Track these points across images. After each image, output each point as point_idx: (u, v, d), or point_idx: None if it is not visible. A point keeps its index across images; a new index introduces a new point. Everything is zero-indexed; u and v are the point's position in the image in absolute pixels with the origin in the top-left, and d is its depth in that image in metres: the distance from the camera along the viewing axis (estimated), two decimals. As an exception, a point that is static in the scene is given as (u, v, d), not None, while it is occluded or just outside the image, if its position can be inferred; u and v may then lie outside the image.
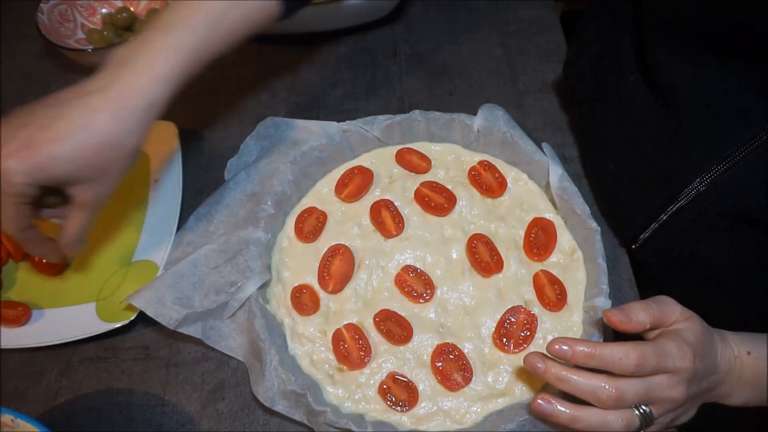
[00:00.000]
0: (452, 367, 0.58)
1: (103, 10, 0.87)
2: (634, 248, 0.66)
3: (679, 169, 0.58)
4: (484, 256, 0.63)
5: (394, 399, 0.57)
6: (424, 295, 0.62)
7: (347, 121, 0.70)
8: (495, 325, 0.60)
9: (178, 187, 0.68)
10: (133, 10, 0.87)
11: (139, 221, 0.68)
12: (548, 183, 0.66)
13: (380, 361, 0.59)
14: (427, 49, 0.87)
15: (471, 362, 0.58)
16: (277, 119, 0.73)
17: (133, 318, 0.60)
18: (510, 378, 0.57)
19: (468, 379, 0.57)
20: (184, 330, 0.60)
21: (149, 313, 0.59)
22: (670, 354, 0.47)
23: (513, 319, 0.60)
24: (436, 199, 0.67)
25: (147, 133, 0.54)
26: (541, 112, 0.80)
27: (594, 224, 0.62)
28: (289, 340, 0.60)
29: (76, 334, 0.60)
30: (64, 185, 0.52)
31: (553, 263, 0.64)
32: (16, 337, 0.60)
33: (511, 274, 0.63)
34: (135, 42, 0.54)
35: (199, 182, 0.73)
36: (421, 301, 0.62)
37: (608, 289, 0.59)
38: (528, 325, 0.60)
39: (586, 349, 0.47)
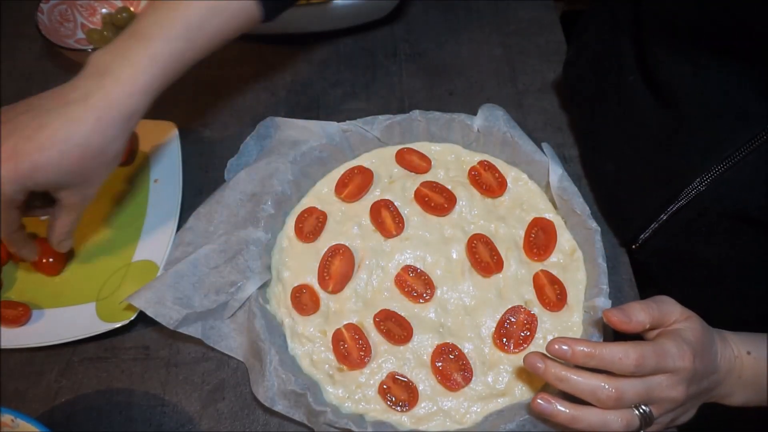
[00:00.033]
0: (452, 367, 0.58)
1: (103, 10, 0.86)
2: (634, 248, 0.66)
3: (679, 169, 0.58)
4: (484, 256, 0.63)
5: (394, 399, 0.57)
6: (424, 295, 0.62)
7: (347, 121, 0.70)
8: (495, 325, 0.60)
9: (178, 187, 0.68)
10: (133, 10, 0.87)
11: (139, 221, 0.68)
12: (548, 183, 0.66)
13: (380, 361, 0.59)
14: (427, 49, 0.87)
15: (471, 362, 0.58)
16: (277, 119, 0.73)
17: (133, 318, 0.61)
18: (510, 378, 0.57)
19: (468, 379, 0.57)
20: (184, 330, 0.60)
21: (149, 313, 0.59)
22: (670, 354, 0.47)
23: (513, 319, 0.60)
24: (436, 199, 0.67)
25: (127, 139, 0.56)
26: (541, 112, 0.80)
27: (594, 224, 0.62)
28: (289, 340, 0.60)
29: (76, 334, 0.60)
30: (51, 190, 0.55)
31: (553, 263, 0.64)
32: (16, 337, 0.60)
33: (511, 274, 0.63)
34: (115, 49, 0.55)
35: (199, 182, 0.73)
36: (421, 301, 0.62)
37: (608, 289, 0.59)
38: (528, 325, 0.60)
39: (586, 348, 0.47)
